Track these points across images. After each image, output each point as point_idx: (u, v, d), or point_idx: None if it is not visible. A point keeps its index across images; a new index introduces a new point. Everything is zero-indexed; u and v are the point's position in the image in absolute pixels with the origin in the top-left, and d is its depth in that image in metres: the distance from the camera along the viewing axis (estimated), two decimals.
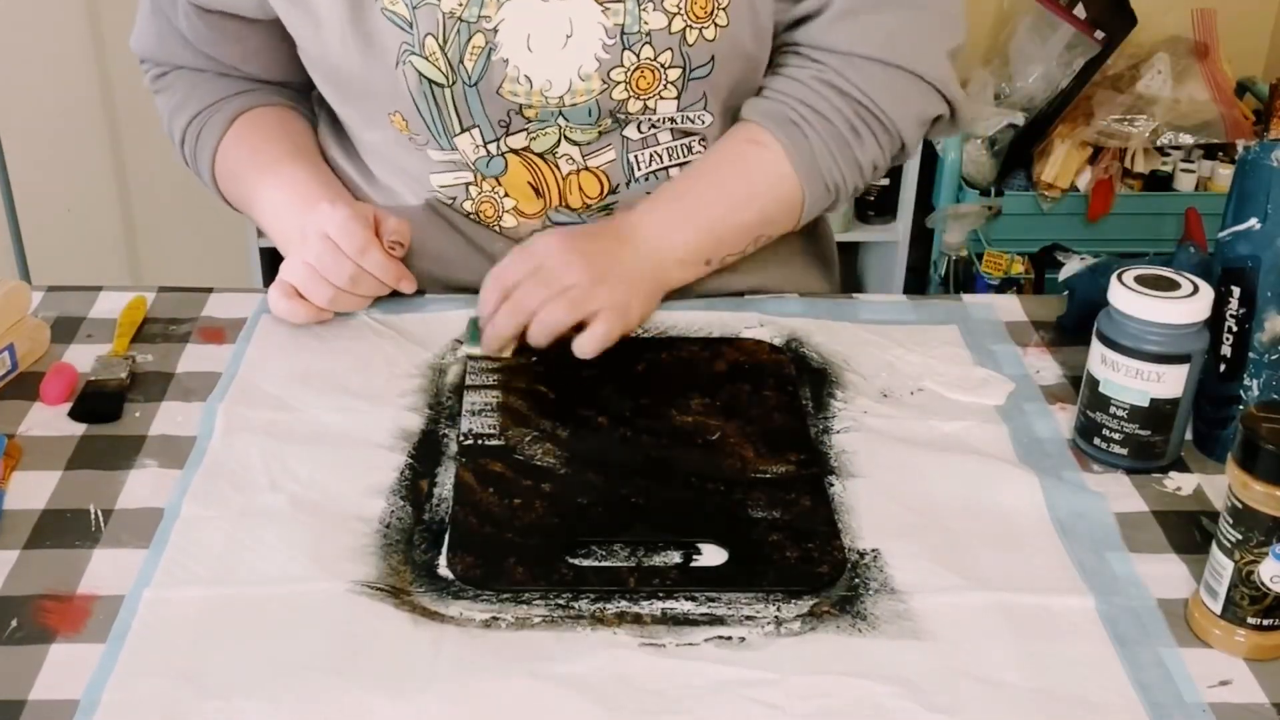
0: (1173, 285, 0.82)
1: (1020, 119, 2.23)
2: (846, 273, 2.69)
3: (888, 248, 2.39)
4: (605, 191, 1.03)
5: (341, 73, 0.99)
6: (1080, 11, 2.23)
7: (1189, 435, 0.87)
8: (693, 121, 1.01)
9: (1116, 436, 0.84)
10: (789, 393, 0.91)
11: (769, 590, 0.74)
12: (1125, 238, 2.21)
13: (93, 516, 0.79)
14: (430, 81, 0.96)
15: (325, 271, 0.97)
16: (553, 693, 0.67)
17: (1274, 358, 0.83)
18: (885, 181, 2.28)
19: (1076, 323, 0.99)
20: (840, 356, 0.96)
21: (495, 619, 0.72)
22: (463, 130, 0.99)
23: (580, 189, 1.03)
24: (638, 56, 0.95)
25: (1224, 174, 2.22)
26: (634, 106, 0.98)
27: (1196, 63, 2.28)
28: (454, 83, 0.96)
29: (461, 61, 0.95)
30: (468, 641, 0.70)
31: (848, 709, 0.66)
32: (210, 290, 1.04)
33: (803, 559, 0.76)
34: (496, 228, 1.06)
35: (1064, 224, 2.24)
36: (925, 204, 2.34)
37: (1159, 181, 2.24)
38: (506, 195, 1.03)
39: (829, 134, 0.99)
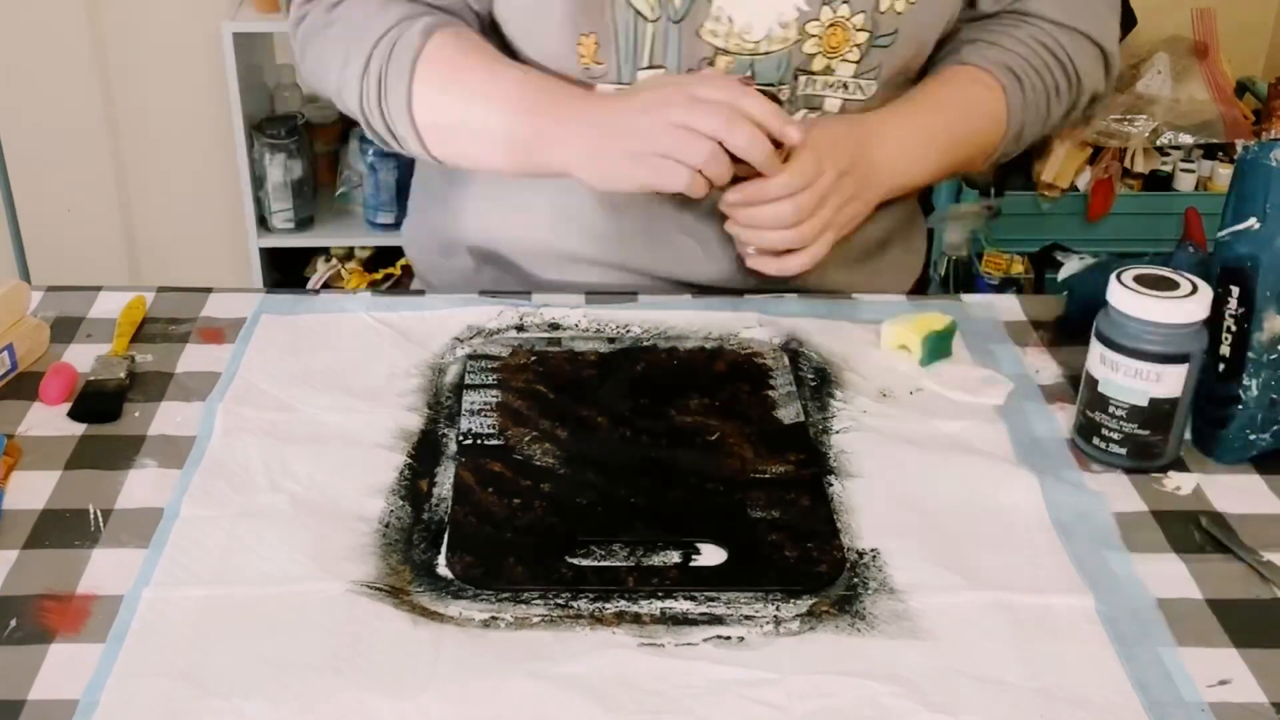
0: (1172, 285, 0.82)
1: None
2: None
3: None
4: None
5: None
6: None
7: (1188, 435, 0.87)
8: (861, 90, 1.03)
9: (1116, 436, 0.84)
10: (788, 393, 0.91)
11: (768, 590, 0.74)
12: (1125, 238, 2.20)
13: (92, 516, 0.79)
14: (637, 12, 0.97)
15: (700, 124, 0.91)
16: (552, 692, 0.67)
17: (1273, 357, 0.83)
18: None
19: (1076, 323, 0.99)
20: (840, 356, 0.96)
21: (495, 619, 0.72)
22: (650, 66, 1.00)
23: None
24: (834, 13, 0.99)
25: (1224, 174, 2.21)
26: (818, 64, 1.01)
27: (1196, 62, 2.28)
28: (658, 18, 0.98)
29: None
30: (467, 641, 0.70)
31: (847, 709, 0.66)
32: (210, 290, 1.04)
33: (802, 559, 0.76)
34: None
35: (1064, 224, 2.24)
36: (925, 204, 2.34)
37: (1159, 181, 2.24)
38: None
39: (1039, 91, 1.07)
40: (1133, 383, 0.82)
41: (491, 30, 1.06)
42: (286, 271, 2.61)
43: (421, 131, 1.01)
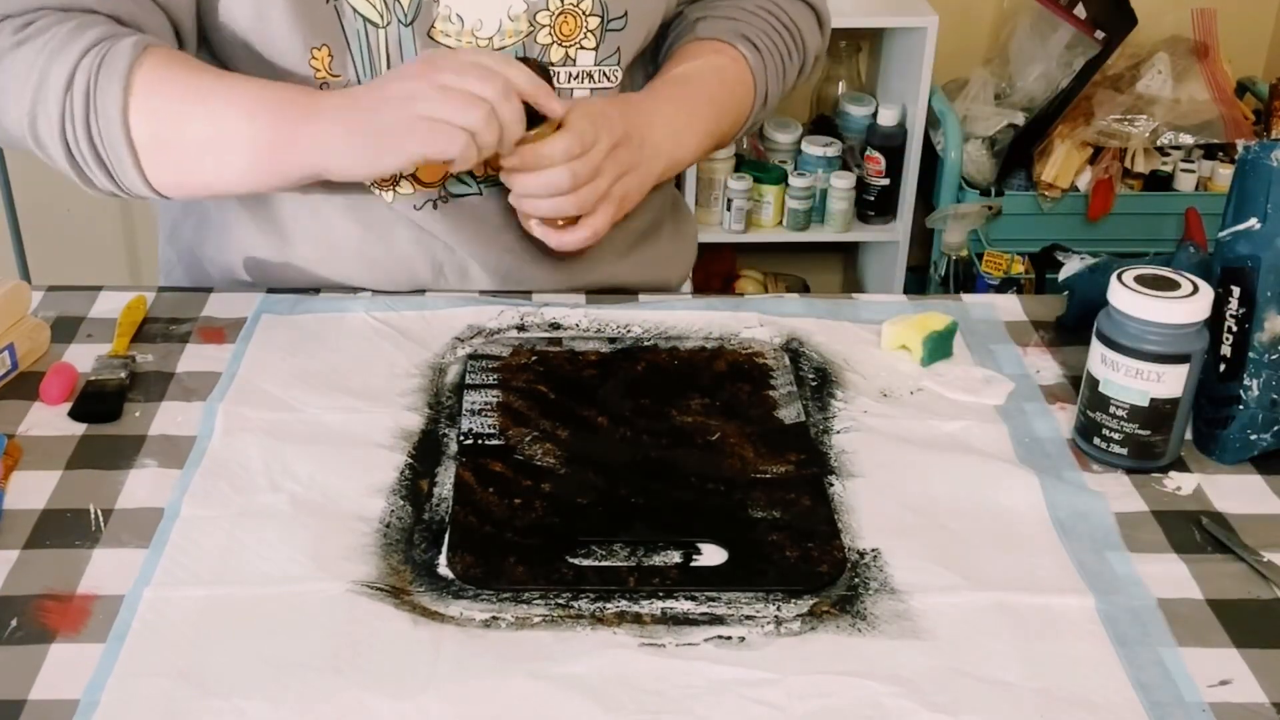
0: (1172, 285, 0.82)
1: (1020, 119, 2.23)
2: (847, 273, 2.70)
3: (888, 248, 2.39)
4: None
5: (267, 5, 0.93)
6: (1080, 11, 2.23)
7: (1189, 435, 0.87)
8: (607, 78, 1.03)
9: (1116, 436, 0.84)
10: (789, 393, 0.91)
11: (769, 590, 0.74)
12: (1125, 238, 2.20)
13: (93, 516, 0.79)
14: (365, 19, 0.96)
15: (470, 85, 0.87)
16: (552, 692, 0.67)
17: (1274, 357, 0.83)
18: (885, 182, 2.28)
19: (1076, 322, 0.99)
20: (840, 356, 0.96)
21: (495, 619, 0.72)
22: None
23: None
24: (562, 1, 0.99)
25: (1224, 174, 2.22)
26: (556, 55, 1.01)
27: (1196, 63, 2.28)
28: (388, 23, 0.96)
29: (397, 0, 0.96)
30: (468, 641, 0.70)
31: (848, 709, 0.66)
32: (210, 290, 1.04)
33: (802, 559, 0.76)
34: (390, 194, 1.01)
35: (1064, 224, 2.24)
36: (926, 204, 2.34)
37: (1159, 181, 2.24)
38: None
39: (775, 55, 1.10)
40: (1133, 383, 0.82)
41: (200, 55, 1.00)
42: None
43: (140, 150, 0.90)
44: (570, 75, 1.02)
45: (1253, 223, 0.83)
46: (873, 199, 2.32)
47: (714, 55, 1.07)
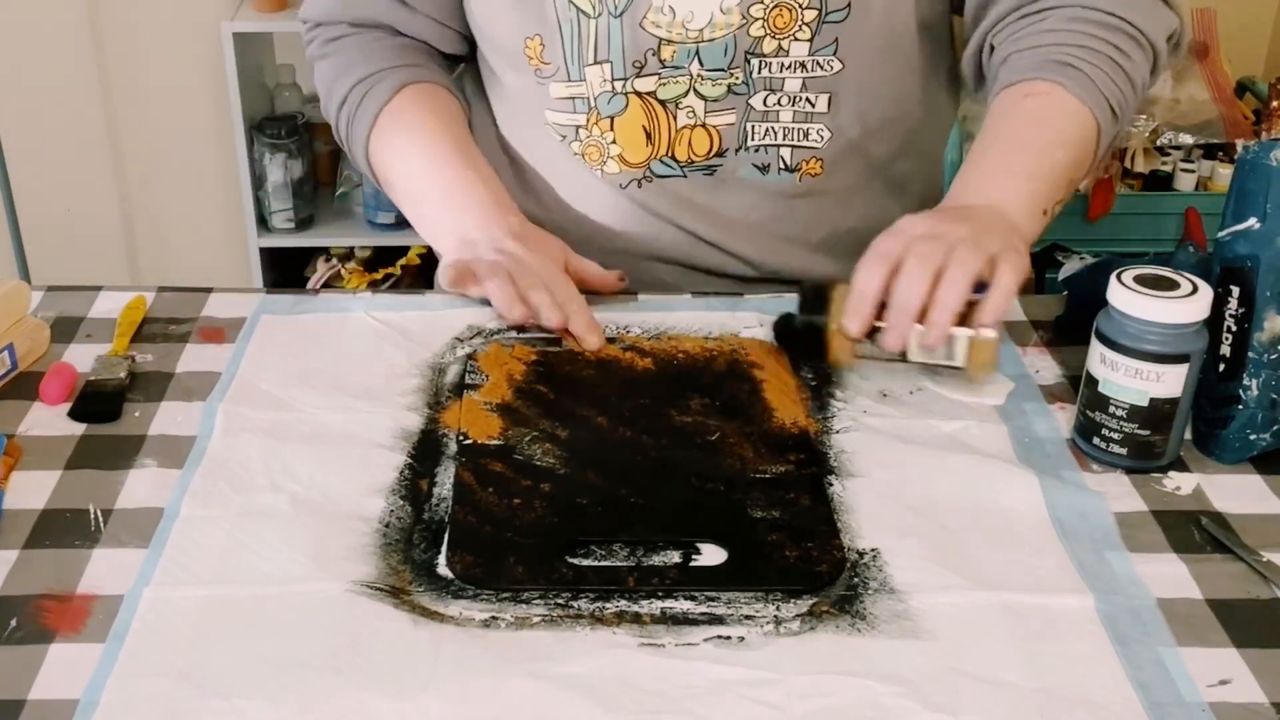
0: (1172, 285, 0.82)
1: None
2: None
3: None
4: (713, 151, 1.07)
5: None
6: None
7: (1188, 435, 0.87)
8: (823, 67, 1.03)
9: (1116, 436, 0.84)
10: (788, 393, 0.91)
11: (768, 590, 0.74)
12: (1125, 238, 2.20)
13: (92, 516, 0.79)
14: (578, 9, 0.99)
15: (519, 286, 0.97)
16: (552, 693, 0.67)
17: (1273, 357, 0.83)
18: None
19: (1076, 323, 0.99)
20: None
21: (495, 618, 0.72)
22: (595, 62, 1.02)
23: (690, 144, 1.06)
24: None
25: (1224, 174, 2.21)
26: (769, 46, 1.01)
27: (1196, 63, 2.28)
28: (599, 14, 0.99)
29: None
30: (467, 641, 0.70)
31: (847, 709, 0.66)
32: (210, 290, 1.04)
33: (802, 558, 0.76)
34: (599, 171, 1.09)
35: (1064, 224, 2.24)
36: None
37: (1159, 181, 2.24)
38: (614, 142, 1.06)
39: (1100, 61, 0.99)
40: (1133, 383, 0.82)
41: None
42: (286, 271, 2.61)
43: (374, 168, 1.11)
44: (783, 65, 1.03)
45: (1252, 223, 0.83)
46: None
47: (1024, 100, 0.99)
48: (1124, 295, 0.82)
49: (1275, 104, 2.25)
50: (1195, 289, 0.82)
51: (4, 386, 0.91)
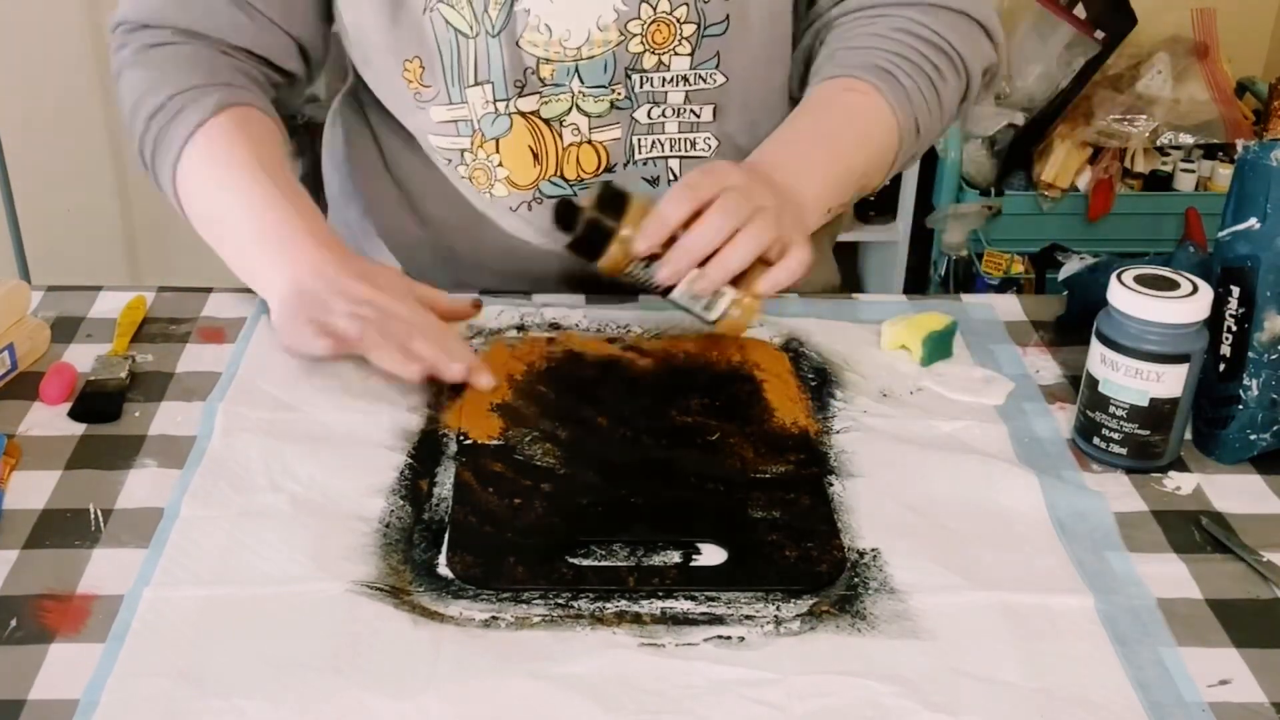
0: (1172, 285, 0.82)
1: (1020, 119, 2.23)
2: (847, 273, 2.70)
3: (888, 248, 2.39)
4: (602, 168, 1.05)
5: (366, 15, 0.99)
6: (1080, 11, 2.23)
7: (1188, 435, 0.87)
8: (704, 80, 1.02)
9: (1116, 436, 0.84)
10: (788, 393, 0.91)
11: (768, 590, 0.74)
12: (1125, 238, 2.20)
13: (92, 516, 0.79)
14: (455, 30, 0.97)
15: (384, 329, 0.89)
16: (552, 693, 0.67)
17: (1273, 357, 0.83)
18: (885, 181, 2.28)
19: (1076, 323, 0.99)
20: (840, 356, 0.96)
21: (495, 619, 0.72)
22: (476, 83, 1.00)
23: (578, 161, 1.05)
24: (654, 10, 0.98)
25: (1224, 174, 2.21)
26: (649, 62, 1.00)
27: (1196, 62, 2.28)
28: (477, 34, 0.98)
29: (486, 10, 0.97)
30: (467, 641, 0.70)
31: (847, 709, 0.66)
32: (210, 290, 1.04)
33: (802, 558, 0.76)
34: (487, 194, 1.07)
35: (1064, 224, 2.24)
36: (925, 204, 2.34)
37: (1159, 181, 2.24)
38: (500, 164, 1.05)
39: (920, 78, 1.01)
40: (1133, 383, 0.82)
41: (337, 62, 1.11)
42: None
43: (181, 198, 1.00)
44: (664, 80, 1.02)
45: (1252, 223, 0.83)
46: (872, 199, 2.32)
47: (841, 93, 1.01)
48: (1124, 295, 0.82)
49: (1275, 104, 2.25)
50: (1195, 289, 0.82)
51: (4, 386, 0.91)
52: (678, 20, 0.99)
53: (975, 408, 0.91)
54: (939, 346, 0.95)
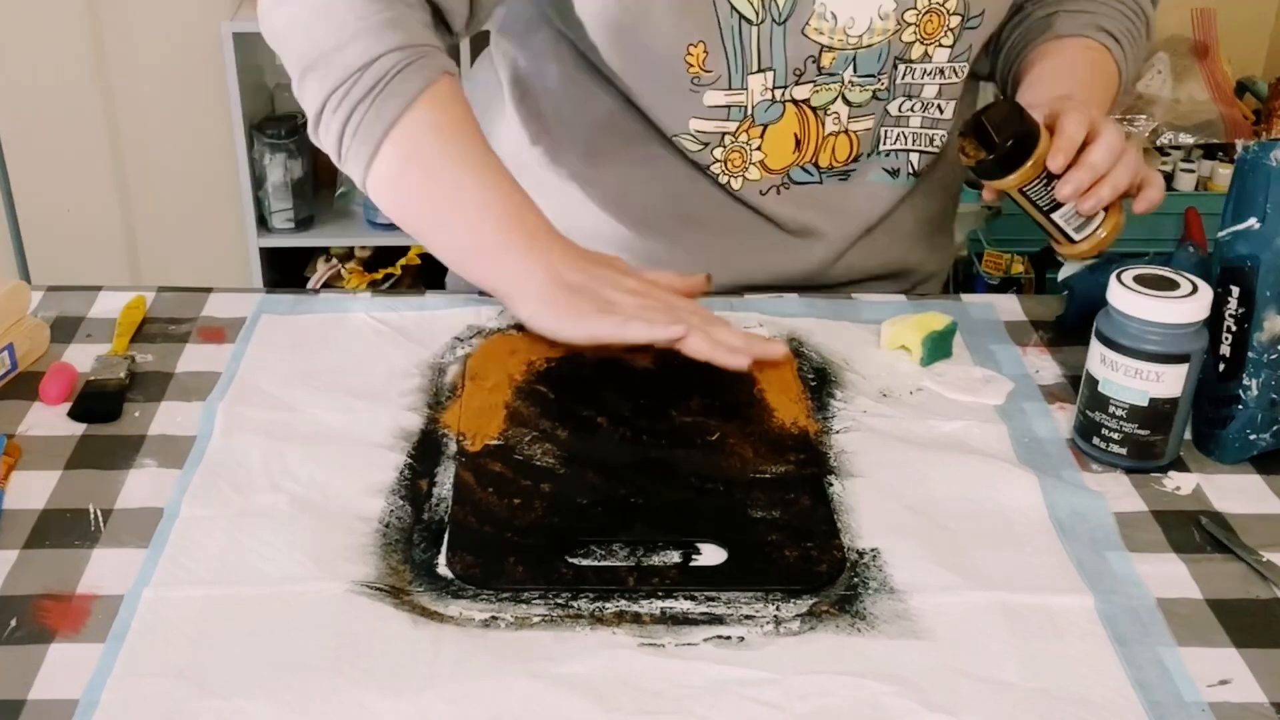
0: (1172, 285, 0.82)
1: None
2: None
3: None
4: (850, 157, 1.09)
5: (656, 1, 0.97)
6: None
7: (1188, 435, 0.87)
8: (955, 74, 1.07)
9: (1116, 436, 0.84)
10: (788, 393, 0.91)
11: (768, 590, 0.74)
12: (1125, 238, 2.20)
13: (92, 516, 0.79)
14: (741, 16, 0.98)
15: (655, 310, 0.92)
16: (552, 692, 0.67)
17: (1273, 357, 0.83)
18: None
19: (1076, 322, 0.99)
20: (840, 356, 0.96)
21: (495, 618, 0.72)
22: (759, 70, 1.01)
23: (833, 150, 1.08)
24: (930, 0, 1.01)
25: (1224, 174, 2.21)
26: (916, 52, 1.04)
27: (1196, 62, 2.29)
28: (762, 20, 0.99)
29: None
30: (467, 641, 0.70)
31: (847, 709, 0.66)
32: (210, 290, 1.04)
33: (802, 558, 0.76)
34: (732, 180, 1.08)
35: None
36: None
37: None
38: (759, 148, 1.06)
39: (1130, 41, 1.11)
40: (1133, 383, 0.82)
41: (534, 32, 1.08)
42: (286, 271, 2.62)
43: (379, 161, 0.92)
44: (924, 71, 1.06)
45: (1252, 223, 0.83)
46: None
47: (1085, 51, 1.09)
48: (1124, 295, 0.82)
49: (1275, 104, 2.25)
50: (1195, 289, 0.82)
51: (4, 386, 0.91)
52: (948, 11, 1.02)
53: (975, 408, 0.91)
54: (939, 346, 0.95)
